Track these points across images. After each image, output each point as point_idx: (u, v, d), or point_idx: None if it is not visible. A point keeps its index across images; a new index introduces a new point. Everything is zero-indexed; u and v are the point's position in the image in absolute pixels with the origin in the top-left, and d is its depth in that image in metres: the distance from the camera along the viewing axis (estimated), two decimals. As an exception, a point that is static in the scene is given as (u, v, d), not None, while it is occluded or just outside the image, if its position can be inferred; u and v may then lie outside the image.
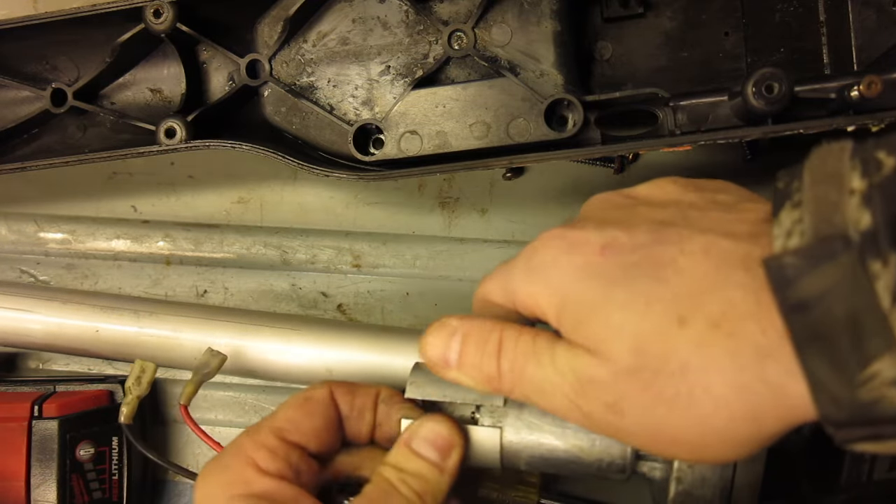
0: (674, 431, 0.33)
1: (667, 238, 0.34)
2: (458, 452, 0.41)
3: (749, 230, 0.33)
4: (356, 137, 0.57)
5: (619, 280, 0.33)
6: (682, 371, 0.31)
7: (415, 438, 0.41)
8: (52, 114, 0.60)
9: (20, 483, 0.59)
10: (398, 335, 0.60)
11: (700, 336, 0.31)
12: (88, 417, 0.62)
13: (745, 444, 0.32)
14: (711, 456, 0.33)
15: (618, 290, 0.33)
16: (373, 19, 0.59)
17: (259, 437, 0.40)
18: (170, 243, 0.70)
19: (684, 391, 0.31)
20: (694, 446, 0.33)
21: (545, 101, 0.54)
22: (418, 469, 0.40)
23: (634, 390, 0.32)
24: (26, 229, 0.72)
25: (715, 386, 0.31)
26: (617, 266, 0.34)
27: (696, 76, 0.59)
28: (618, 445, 0.43)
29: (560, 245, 0.36)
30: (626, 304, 0.33)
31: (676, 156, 0.63)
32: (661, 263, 0.33)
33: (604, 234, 0.35)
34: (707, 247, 0.32)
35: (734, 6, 0.58)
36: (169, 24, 0.56)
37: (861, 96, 0.47)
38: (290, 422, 0.41)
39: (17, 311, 0.63)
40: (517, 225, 0.66)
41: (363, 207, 0.68)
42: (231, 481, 0.38)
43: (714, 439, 0.32)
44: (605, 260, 0.34)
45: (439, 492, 0.41)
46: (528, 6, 0.56)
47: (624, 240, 0.34)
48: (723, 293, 0.31)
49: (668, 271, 0.32)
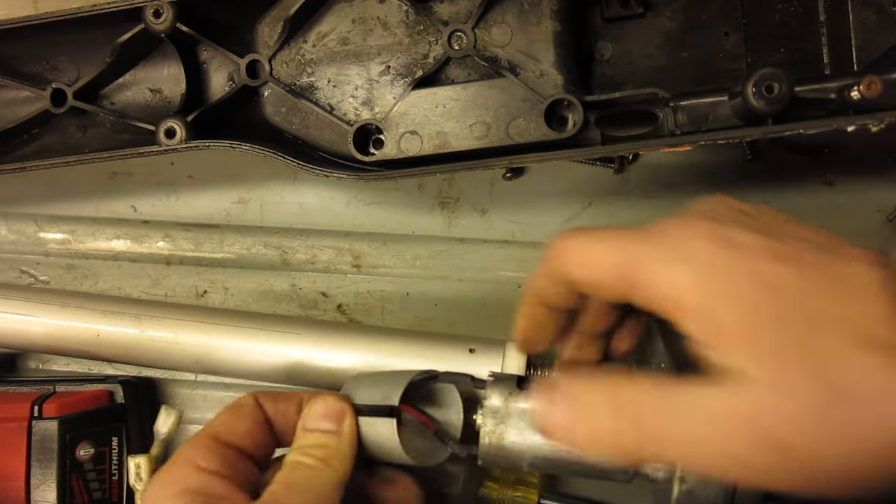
0: (849, 463, 0.29)
1: (835, 258, 0.31)
2: (350, 416, 0.44)
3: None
4: (356, 137, 0.57)
5: (795, 294, 0.30)
6: (865, 399, 0.28)
7: (308, 418, 0.44)
8: (52, 114, 0.60)
9: (20, 483, 0.59)
10: (400, 337, 0.60)
11: (885, 361, 0.28)
12: (88, 417, 0.62)
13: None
14: (875, 489, 0.30)
15: (795, 306, 0.30)
16: (373, 19, 0.59)
17: (198, 441, 0.43)
18: (170, 243, 0.70)
19: (867, 419, 0.28)
20: (866, 480, 0.29)
21: (545, 102, 0.54)
22: (316, 440, 0.43)
23: (811, 421, 0.29)
24: (26, 229, 0.72)
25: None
26: (793, 278, 0.30)
27: (696, 76, 0.59)
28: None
29: (717, 240, 0.32)
30: (804, 321, 0.30)
31: (676, 156, 0.63)
32: (838, 281, 0.30)
33: (768, 241, 0.32)
34: (874, 273, 0.30)
35: (734, 6, 0.58)
36: (169, 25, 0.56)
37: (861, 96, 0.48)
38: (224, 425, 0.44)
39: (17, 314, 0.63)
40: (517, 225, 0.66)
41: (363, 207, 0.68)
42: (171, 480, 0.41)
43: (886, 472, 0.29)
44: (779, 269, 0.31)
45: (342, 454, 0.43)
46: (528, 6, 0.56)
47: (791, 252, 0.31)
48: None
49: (847, 292, 0.30)
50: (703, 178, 0.64)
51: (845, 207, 0.62)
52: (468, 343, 0.58)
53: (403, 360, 0.58)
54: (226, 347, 0.61)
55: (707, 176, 0.64)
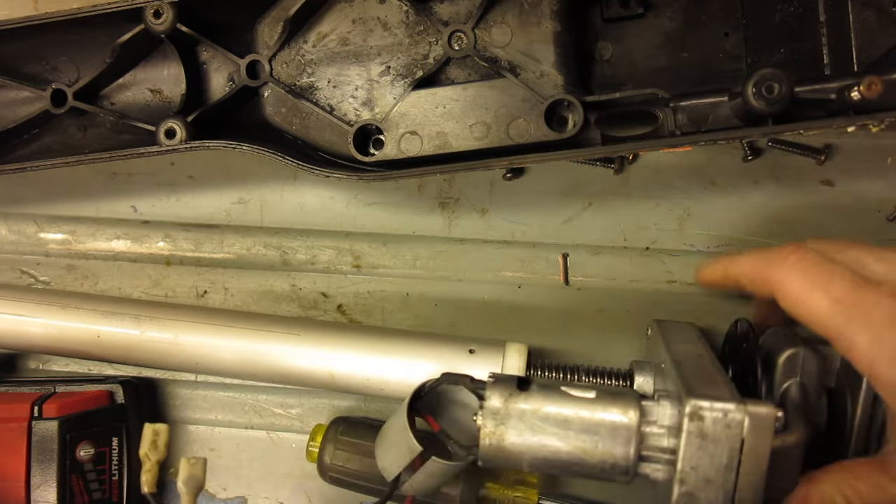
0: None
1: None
2: None
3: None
4: (356, 138, 0.57)
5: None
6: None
7: None
8: (52, 114, 0.60)
9: (20, 483, 0.59)
10: (400, 337, 0.60)
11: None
12: (88, 418, 0.62)
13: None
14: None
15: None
16: (373, 20, 0.59)
17: None
18: (170, 244, 0.70)
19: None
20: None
21: (545, 102, 0.54)
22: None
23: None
24: (26, 230, 0.72)
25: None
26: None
27: (696, 76, 0.59)
28: (621, 447, 0.43)
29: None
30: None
31: (676, 156, 0.63)
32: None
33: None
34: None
35: (734, 6, 0.58)
36: (169, 25, 0.56)
37: (861, 97, 0.48)
38: None
39: (17, 315, 0.63)
40: (517, 225, 0.66)
41: (363, 208, 0.68)
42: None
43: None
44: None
45: None
46: (528, 6, 0.56)
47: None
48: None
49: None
50: (703, 178, 0.64)
51: (845, 207, 0.62)
52: (468, 344, 0.58)
53: (403, 360, 0.58)
54: (226, 348, 0.61)
55: (707, 176, 0.64)
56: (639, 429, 0.43)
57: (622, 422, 0.44)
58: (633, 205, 0.64)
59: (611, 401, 0.45)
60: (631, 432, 0.43)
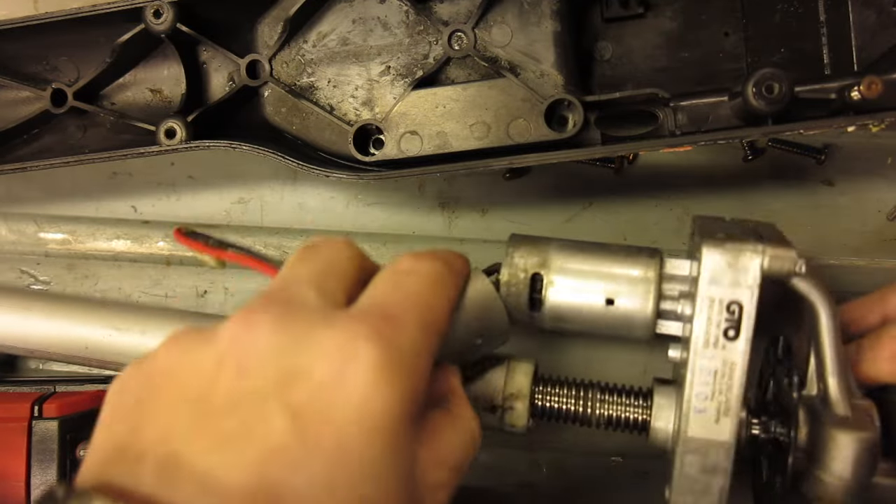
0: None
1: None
2: (465, 260, 0.45)
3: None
4: (356, 138, 0.57)
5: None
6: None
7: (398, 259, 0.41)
8: (52, 114, 0.60)
9: (20, 483, 0.59)
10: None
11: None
12: (88, 417, 0.62)
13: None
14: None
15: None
16: (373, 20, 0.59)
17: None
18: (170, 243, 0.70)
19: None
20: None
21: (545, 102, 0.54)
22: (428, 267, 0.40)
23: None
24: (26, 229, 0.71)
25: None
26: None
27: (696, 76, 0.59)
28: (639, 300, 0.48)
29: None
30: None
31: (676, 156, 0.63)
32: None
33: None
34: None
35: (734, 6, 0.58)
36: (169, 25, 0.56)
37: (861, 97, 0.48)
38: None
39: (18, 316, 0.63)
40: (517, 225, 0.66)
41: (363, 207, 0.68)
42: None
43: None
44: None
45: (454, 285, 0.42)
46: (528, 6, 0.56)
47: None
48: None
49: None
50: (703, 178, 0.64)
51: (845, 207, 0.62)
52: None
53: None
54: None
55: (707, 176, 0.64)
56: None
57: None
58: (633, 205, 0.64)
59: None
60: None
